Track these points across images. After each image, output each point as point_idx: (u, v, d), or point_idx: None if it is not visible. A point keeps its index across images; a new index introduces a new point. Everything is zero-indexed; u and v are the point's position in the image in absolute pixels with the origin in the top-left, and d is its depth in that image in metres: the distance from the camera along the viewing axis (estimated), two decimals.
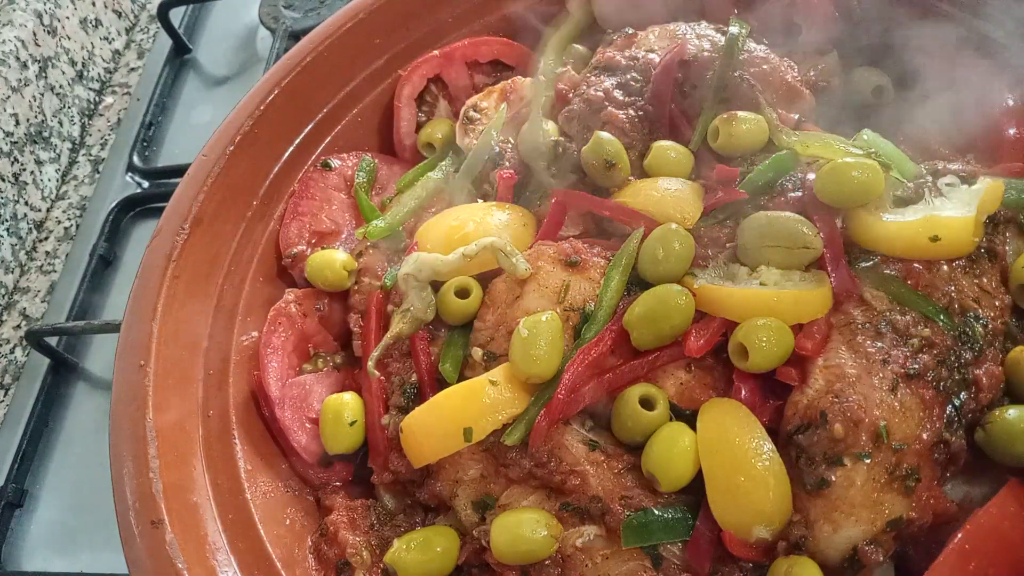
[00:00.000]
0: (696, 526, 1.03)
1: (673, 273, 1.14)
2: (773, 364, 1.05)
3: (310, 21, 2.15)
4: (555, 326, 1.10)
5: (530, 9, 1.64)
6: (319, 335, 1.39)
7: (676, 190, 1.23)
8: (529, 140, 1.36)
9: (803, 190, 1.18)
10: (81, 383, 1.84)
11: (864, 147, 1.21)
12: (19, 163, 2.05)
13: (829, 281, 1.11)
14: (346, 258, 1.39)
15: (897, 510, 1.00)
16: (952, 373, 1.05)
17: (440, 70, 1.60)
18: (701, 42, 1.37)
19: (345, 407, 1.25)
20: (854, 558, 0.99)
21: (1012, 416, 1.03)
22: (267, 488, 1.23)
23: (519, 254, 1.20)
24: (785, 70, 1.37)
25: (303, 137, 1.50)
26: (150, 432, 1.13)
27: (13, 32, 2.08)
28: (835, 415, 1.00)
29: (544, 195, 1.33)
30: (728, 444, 1.01)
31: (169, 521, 1.07)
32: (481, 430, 1.08)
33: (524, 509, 1.07)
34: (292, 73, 1.48)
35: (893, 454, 0.99)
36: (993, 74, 1.37)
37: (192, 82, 2.33)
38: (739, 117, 1.27)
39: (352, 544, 1.16)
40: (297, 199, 1.47)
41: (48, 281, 2.02)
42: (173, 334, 1.24)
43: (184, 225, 1.32)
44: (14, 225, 2.04)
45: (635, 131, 1.32)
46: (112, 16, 2.45)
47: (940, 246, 1.09)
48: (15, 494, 1.66)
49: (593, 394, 1.09)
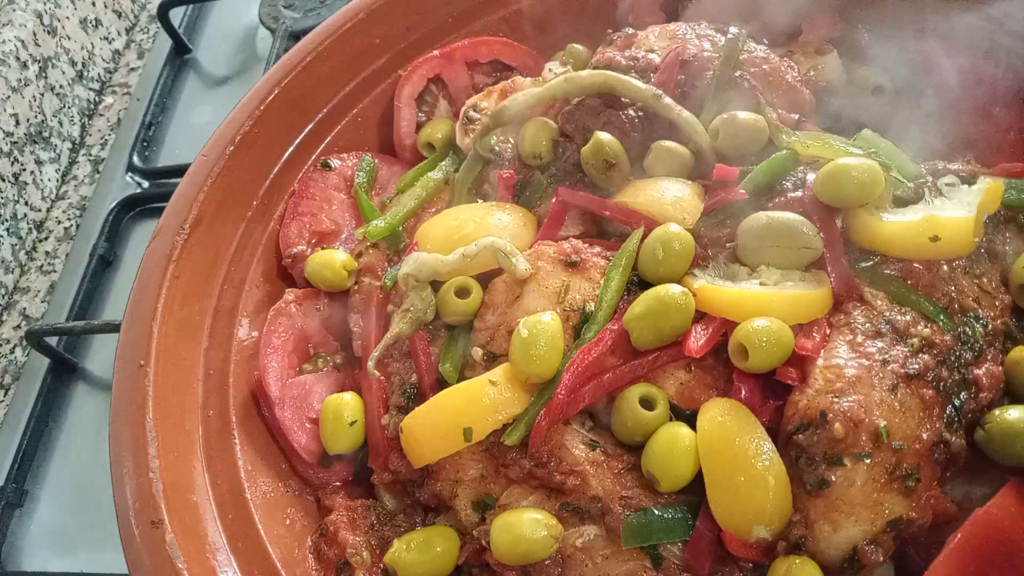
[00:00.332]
0: (696, 526, 1.03)
1: (673, 273, 1.14)
2: (773, 364, 1.05)
3: (310, 21, 2.16)
4: (555, 326, 1.10)
5: (530, 9, 1.64)
6: (319, 335, 1.39)
7: (676, 190, 1.23)
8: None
9: (803, 190, 1.18)
10: (81, 383, 1.84)
11: (864, 147, 1.21)
12: (19, 163, 2.05)
13: (829, 281, 1.11)
14: (346, 258, 1.39)
15: (897, 510, 1.00)
16: (952, 373, 1.05)
17: (440, 70, 1.60)
18: (701, 42, 1.37)
19: (345, 407, 1.25)
20: (854, 558, 0.99)
21: (1012, 416, 1.03)
22: (267, 488, 1.23)
23: (519, 254, 1.20)
24: (785, 70, 1.38)
25: (303, 137, 1.50)
26: (150, 432, 1.13)
27: (13, 32, 2.09)
28: (835, 415, 1.00)
29: (544, 195, 1.33)
30: (728, 444, 1.01)
31: (169, 521, 1.07)
32: (481, 430, 1.08)
33: (524, 509, 1.07)
34: (292, 73, 1.48)
35: (893, 454, 0.99)
36: (993, 74, 1.37)
37: (192, 82, 2.34)
38: (739, 117, 1.27)
39: (352, 544, 1.16)
40: (297, 199, 1.47)
41: (48, 281, 2.02)
42: (174, 334, 1.24)
43: (184, 225, 1.32)
44: (14, 225, 2.04)
45: (635, 131, 1.32)
46: (112, 16, 2.45)
47: (940, 246, 1.09)
48: (15, 494, 1.66)
49: (593, 394, 1.09)
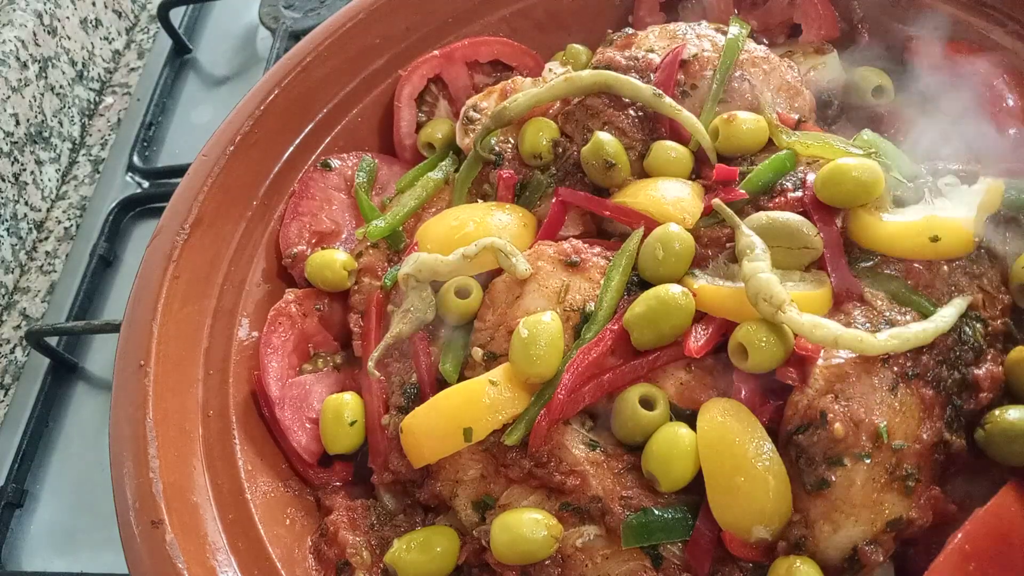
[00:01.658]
0: (696, 526, 1.03)
1: (673, 273, 1.14)
2: (773, 364, 1.05)
3: (310, 21, 2.15)
4: (555, 326, 1.10)
5: (530, 9, 1.64)
6: (319, 335, 1.39)
7: (676, 190, 1.23)
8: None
9: (803, 190, 1.18)
10: (81, 383, 1.83)
11: (864, 147, 1.21)
12: (19, 163, 2.05)
13: (829, 281, 1.11)
14: (346, 258, 1.39)
15: (897, 510, 1.00)
16: (952, 373, 1.05)
17: (440, 70, 1.60)
18: (701, 42, 1.37)
19: (345, 407, 1.25)
20: (854, 558, 1.00)
21: (1012, 416, 1.03)
22: (267, 488, 1.23)
23: (519, 254, 1.20)
24: (785, 70, 1.37)
25: (303, 137, 1.50)
26: (150, 432, 1.13)
27: (13, 32, 2.08)
28: (835, 415, 1.00)
29: (544, 195, 1.33)
30: (728, 444, 1.01)
31: (169, 521, 1.07)
32: (481, 430, 1.09)
33: (524, 509, 1.07)
34: (292, 73, 1.48)
35: (893, 454, 0.99)
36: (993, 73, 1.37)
37: (192, 82, 2.33)
38: (739, 117, 1.27)
39: (352, 544, 1.16)
40: (297, 199, 1.47)
41: (48, 281, 2.02)
42: (173, 334, 1.24)
43: (184, 225, 1.32)
44: (14, 225, 2.04)
45: (635, 131, 1.32)
46: (112, 16, 2.45)
47: (940, 246, 1.09)
48: (15, 494, 1.66)
49: (593, 394, 1.09)
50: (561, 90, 1.34)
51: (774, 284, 1.02)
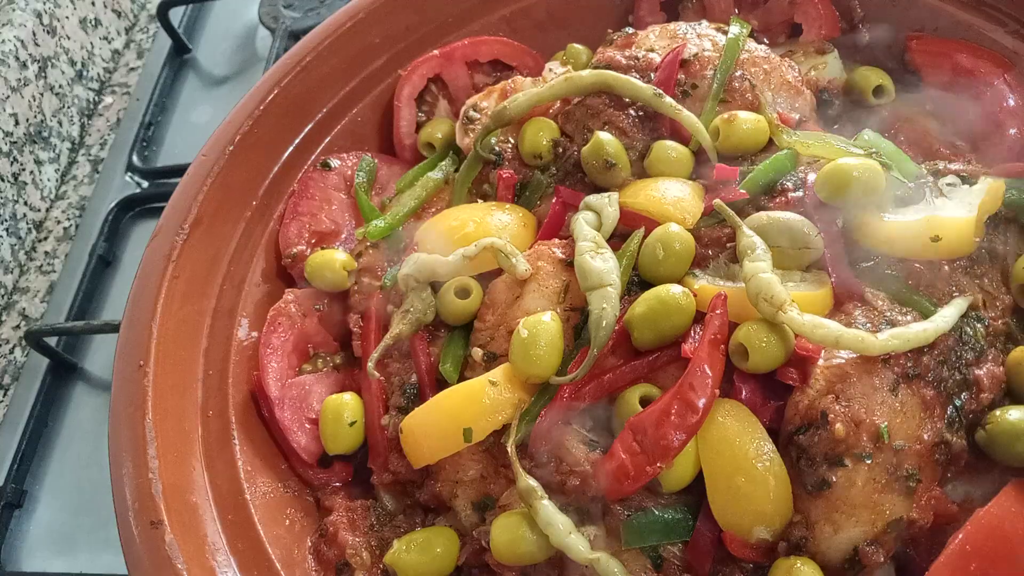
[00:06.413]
0: (696, 527, 1.03)
1: (673, 273, 1.14)
2: (773, 364, 1.05)
3: (310, 21, 2.15)
4: (555, 326, 1.10)
5: (530, 9, 1.64)
6: (319, 335, 1.39)
7: (676, 190, 1.22)
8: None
9: (803, 190, 1.18)
10: (81, 383, 1.83)
11: (864, 147, 1.21)
12: (19, 163, 2.05)
13: (830, 281, 1.11)
14: (346, 258, 1.39)
15: (898, 511, 0.99)
16: (953, 373, 1.05)
17: (440, 70, 1.60)
18: (701, 42, 1.37)
19: (345, 407, 1.25)
20: (855, 559, 0.99)
21: (1013, 417, 1.03)
22: (267, 488, 1.23)
23: (519, 254, 1.19)
24: (785, 70, 1.37)
25: (303, 137, 1.50)
26: (150, 432, 1.13)
27: (13, 32, 2.08)
28: (836, 415, 1.00)
29: (544, 195, 1.33)
30: (728, 445, 1.01)
31: (169, 521, 1.07)
32: (481, 430, 1.08)
33: (524, 509, 1.07)
34: (292, 73, 1.48)
35: (894, 455, 0.99)
36: (994, 73, 1.37)
37: (192, 82, 2.33)
38: (739, 117, 1.27)
39: (352, 545, 1.16)
40: (297, 199, 1.47)
41: (48, 281, 2.02)
42: (173, 334, 1.24)
43: (184, 225, 1.32)
44: (13, 225, 2.04)
45: (635, 131, 1.32)
46: (112, 16, 2.45)
47: (941, 246, 1.09)
48: (15, 494, 1.66)
49: (593, 394, 1.09)
50: (561, 90, 1.34)
51: (775, 284, 1.02)
